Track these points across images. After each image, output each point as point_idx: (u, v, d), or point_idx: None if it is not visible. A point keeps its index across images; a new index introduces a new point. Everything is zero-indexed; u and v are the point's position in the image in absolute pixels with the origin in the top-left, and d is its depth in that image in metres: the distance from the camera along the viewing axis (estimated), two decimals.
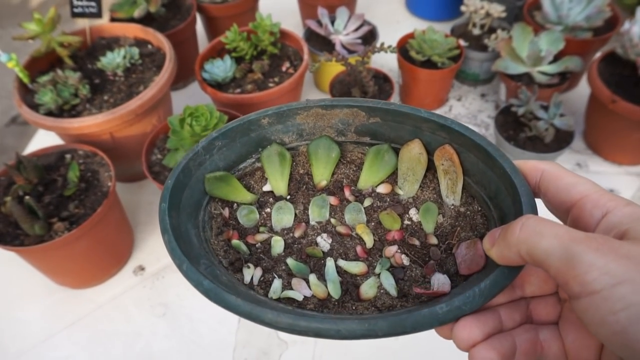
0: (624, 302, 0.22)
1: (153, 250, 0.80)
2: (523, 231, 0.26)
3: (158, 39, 0.85)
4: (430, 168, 0.39)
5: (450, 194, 0.38)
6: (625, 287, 0.22)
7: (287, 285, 0.35)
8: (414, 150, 0.39)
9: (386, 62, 1.02)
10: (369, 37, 0.99)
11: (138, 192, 0.88)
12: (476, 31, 1.00)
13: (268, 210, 0.40)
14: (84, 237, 0.67)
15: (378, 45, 0.82)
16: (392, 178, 0.40)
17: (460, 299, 0.27)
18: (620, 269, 0.22)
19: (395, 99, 1.00)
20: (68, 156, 0.75)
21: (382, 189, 0.40)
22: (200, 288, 0.30)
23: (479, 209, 0.37)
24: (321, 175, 0.41)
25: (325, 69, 0.96)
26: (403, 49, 0.94)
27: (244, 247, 0.37)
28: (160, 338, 0.70)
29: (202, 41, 1.12)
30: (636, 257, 0.23)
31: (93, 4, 0.84)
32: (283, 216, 0.39)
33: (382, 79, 0.91)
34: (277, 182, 0.41)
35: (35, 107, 0.76)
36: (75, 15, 0.83)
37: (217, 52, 0.94)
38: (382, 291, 0.34)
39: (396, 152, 0.40)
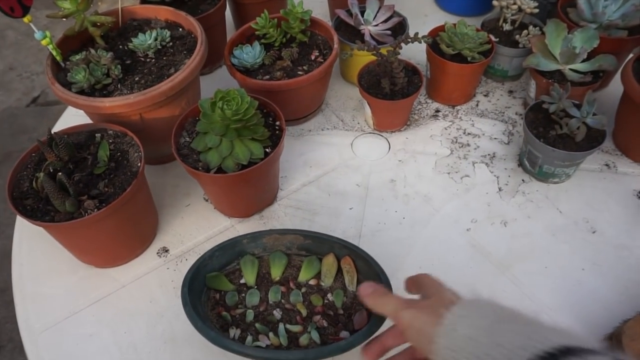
0: (408, 324, 0.46)
1: (176, 232, 0.81)
2: (380, 298, 0.52)
3: (189, 22, 0.85)
4: (339, 269, 0.67)
5: (350, 284, 0.66)
6: (410, 317, 0.46)
7: (255, 339, 0.62)
8: (330, 259, 0.68)
9: (413, 54, 1.01)
10: (398, 28, 0.98)
11: (163, 175, 0.88)
12: (507, 27, 0.99)
13: (243, 294, 0.67)
14: (112, 216, 0.67)
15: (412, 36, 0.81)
16: (318, 275, 0.68)
17: (352, 339, 0.56)
18: (412, 312, 0.46)
19: (422, 92, 1.00)
20: (98, 135, 0.75)
21: (312, 282, 0.68)
22: (208, 337, 0.57)
23: None
24: (276, 273, 0.68)
25: (353, 60, 0.96)
26: (432, 41, 0.93)
27: (228, 317, 0.64)
28: (183, 320, 0.70)
29: (230, 27, 1.11)
30: (421, 305, 0.47)
31: None
32: (253, 298, 0.66)
33: (411, 72, 0.90)
34: (249, 277, 0.68)
35: (67, 85, 0.77)
36: None
37: (246, 38, 0.94)
38: (312, 341, 0.62)
39: (320, 260, 0.68)
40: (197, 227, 0.81)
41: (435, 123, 0.94)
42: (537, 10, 0.95)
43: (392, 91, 0.86)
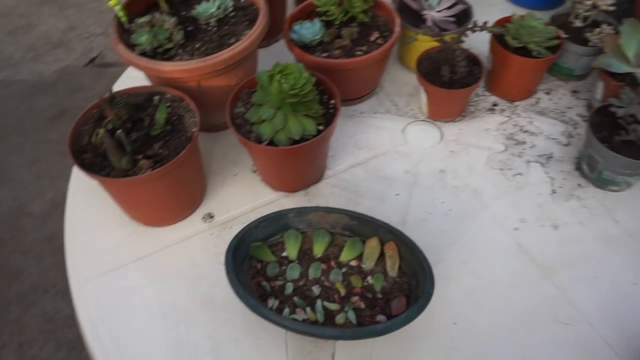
0: None
1: (222, 200, 0.82)
2: None
3: None
4: (382, 253, 0.67)
5: (391, 270, 0.66)
6: None
7: (293, 312, 0.63)
8: (374, 243, 0.68)
9: (475, 44, 0.97)
10: (462, 16, 0.95)
11: (214, 142, 0.89)
12: (578, 23, 0.94)
13: (284, 267, 0.68)
14: (165, 177, 0.69)
15: (480, 24, 0.79)
16: (360, 257, 0.68)
17: (389, 323, 0.57)
18: None
19: (481, 84, 0.97)
20: (156, 98, 0.76)
21: (354, 262, 0.68)
22: (248, 304, 0.58)
23: (407, 279, 0.66)
24: (318, 250, 0.69)
25: (413, 45, 0.94)
26: (499, 32, 0.90)
27: (268, 287, 0.65)
28: (223, 285, 0.72)
29: (290, 2, 1.11)
30: None
31: None
32: (293, 272, 0.67)
33: (472, 62, 0.88)
34: (291, 251, 0.69)
35: (130, 46, 0.78)
36: None
37: (307, 14, 0.93)
38: (348, 320, 0.62)
39: (363, 242, 0.68)
40: (243, 197, 0.82)
41: (491, 117, 0.92)
42: (612, 8, 0.90)
43: (451, 80, 0.84)
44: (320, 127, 0.74)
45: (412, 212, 0.79)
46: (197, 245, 0.77)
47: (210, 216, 0.80)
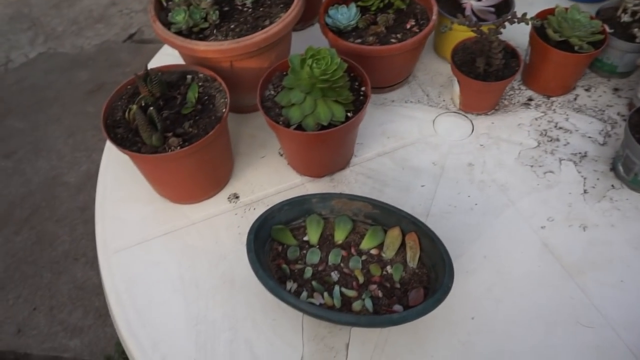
0: None
1: (248, 181, 0.83)
2: None
3: None
4: (403, 244, 0.67)
5: (411, 261, 0.66)
6: None
7: (310, 296, 0.63)
8: (395, 232, 0.67)
9: (514, 36, 0.95)
10: (503, 7, 0.92)
11: (242, 124, 0.90)
12: (626, 18, 0.90)
13: (304, 251, 0.68)
14: (193, 155, 0.70)
15: (520, 15, 0.77)
16: (380, 246, 0.68)
17: (405, 314, 0.57)
18: None
19: (517, 77, 0.94)
20: (189, 77, 0.77)
21: (374, 251, 0.68)
22: (267, 285, 0.59)
23: (426, 271, 0.65)
24: (339, 237, 0.69)
25: (449, 34, 0.92)
26: (540, 25, 0.87)
27: (287, 270, 0.66)
28: (243, 265, 0.73)
29: None
30: None
31: None
32: (313, 256, 0.68)
33: (509, 54, 0.85)
34: (312, 236, 0.69)
35: (167, 24, 0.79)
36: None
37: None
38: (364, 308, 0.62)
39: (385, 231, 0.68)
40: (268, 180, 0.83)
41: (525, 112, 0.89)
42: None
43: (486, 72, 0.82)
44: (349, 114, 0.74)
45: (436, 204, 0.78)
46: (222, 224, 0.78)
47: (235, 196, 0.81)
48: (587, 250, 0.72)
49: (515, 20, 0.75)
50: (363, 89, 0.77)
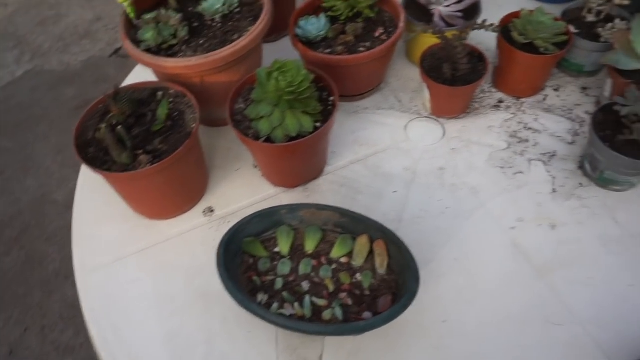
0: None
1: (223, 194, 0.84)
2: None
3: None
4: (372, 251, 0.68)
5: (380, 268, 0.67)
6: None
7: (281, 307, 0.64)
8: (364, 240, 0.68)
9: (484, 40, 0.96)
10: (471, 11, 0.93)
11: (217, 137, 0.91)
12: (591, 18, 0.92)
13: (275, 263, 0.69)
14: (164, 172, 0.71)
15: (480, 21, 0.78)
16: (350, 254, 0.69)
17: (371, 321, 0.58)
18: None
19: (488, 80, 0.95)
20: (160, 93, 0.79)
21: (344, 259, 0.69)
22: (236, 299, 0.60)
23: (395, 277, 0.66)
24: (309, 247, 0.70)
25: (419, 41, 0.93)
26: (505, 28, 0.88)
27: (258, 282, 0.67)
28: (219, 279, 0.74)
29: None
30: None
31: None
32: (284, 267, 0.68)
33: (477, 58, 0.87)
34: (283, 247, 0.70)
35: (137, 42, 0.80)
36: None
37: (313, 9, 0.93)
38: (334, 317, 0.63)
39: (354, 239, 0.69)
40: (243, 192, 0.84)
41: (496, 114, 0.91)
42: (627, 2, 0.87)
43: (454, 77, 0.84)
44: (318, 125, 0.75)
45: (408, 209, 0.79)
46: (197, 238, 0.79)
47: (210, 210, 0.82)
48: (557, 249, 0.74)
49: (477, 26, 0.76)
50: (332, 98, 0.78)
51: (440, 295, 0.70)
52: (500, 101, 0.93)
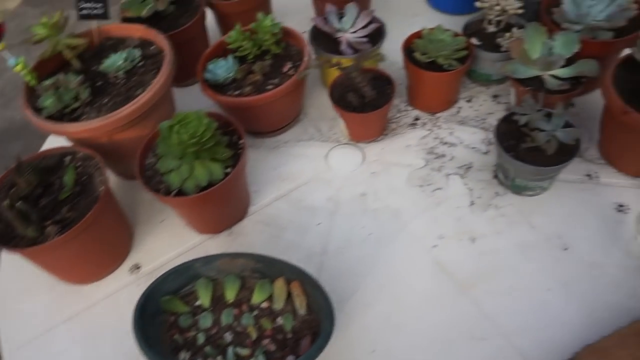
0: None
1: (149, 248, 0.83)
2: None
3: (160, 39, 0.86)
4: (290, 293, 0.67)
5: (300, 308, 0.67)
6: None
7: None
8: (280, 283, 0.68)
9: (398, 60, 0.98)
10: (377, 34, 0.95)
11: (139, 190, 0.89)
12: (491, 28, 0.94)
13: (197, 317, 0.68)
14: (75, 239, 0.70)
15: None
16: (270, 298, 0.68)
17: None
18: None
19: (397, 101, 0.97)
20: (68, 158, 0.78)
21: (265, 304, 0.69)
22: None
23: (315, 317, 0.66)
24: (230, 296, 0.69)
25: (330, 70, 0.94)
26: (409, 49, 0.90)
27: (180, 340, 0.66)
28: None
29: (217, 37, 1.12)
30: None
31: (99, 5, 0.85)
32: (206, 321, 0.68)
33: (384, 81, 0.88)
34: (204, 299, 0.69)
35: (39, 109, 0.79)
36: (82, 17, 0.86)
37: (223, 50, 0.94)
38: None
39: (272, 283, 0.69)
40: (169, 244, 0.83)
41: (413, 132, 0.92)
42: (521, 11, 0.90)
43: (363, 103, 0.85)
44: (229, 170, 0.75)
45: (333, 240, 0.80)
46: (125, 298, 0.78)
47: (136, 267, 0.81)
48: (477, 262, 0.75)
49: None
50: (241, 142, 0.78)
51: (367, 324, 0.71)
52: (417, 119, 0.94)
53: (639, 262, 0.71)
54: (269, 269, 0.68)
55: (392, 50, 0.92)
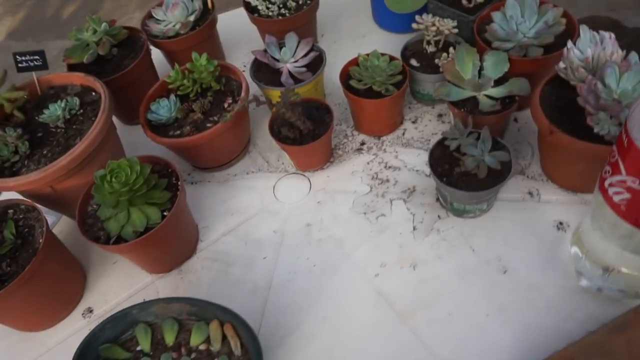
0: None
1: (102, 291, 0.84)
2: None
3: (98, 86, 0.88)
4: (225, 334, 0.68)
5: (235, 349, 0.66)
6: None
7: None
8: (214, 325, 0.68)
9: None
10: (318, 62, 0.96)
11: None
12: (431, 49, 0.95)
13: None
14: (17, 292, 0.71)
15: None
16: (208, 340, 0.68)
17: None
18: None
19: (344, 126, 0.98)
20: (10, 211, 0.79)
21: (202, 346, 0.69)
22: None
23: (249, 357, 0.65)
24: (169, 339, 0.70)
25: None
26: (347, 76, 0.91)
27: None
28: None
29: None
30: None
31: (37, 57, 0.87)
32: None
33: (324, 110, 0.89)
34: (144, 344, 0.70)
35: None
36: (20, 70, 0.87)
37: (166, 90, 0.95)
38: None
39: (208, 325, 0.69)
40: (121, 285, 0.84)
41: (359, 157, 0.93)
42: (456, 31, 0.91)
43: (301, 135, 0.86)
44: (166, 213, 0.76)
45: (278, 273, 0.81)
46: (77, 344, 0.78)
47: (89, 311, 0.83)
48: (418, 289, 0.75)
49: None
50: (179, 183, 0.79)
51: (311, 358, 0.71)
52: (363, 143, 0.95)
53: (576, 282, 0.71)
54: (203, 311, 0.69)
55: (329, 80, 0.92)
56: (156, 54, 1.09)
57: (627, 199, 0.54)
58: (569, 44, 0.74)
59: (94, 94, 0.89)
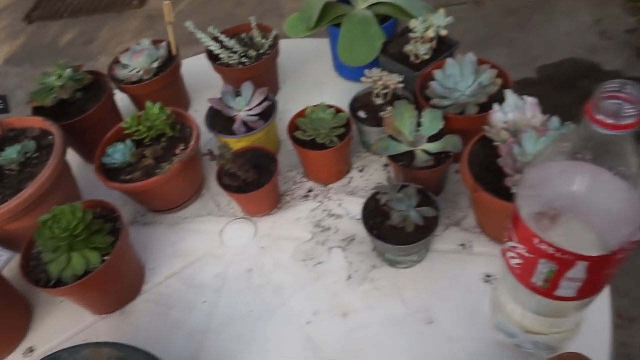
0: None
1: (46, 330, 0.87)
2: None
3: (55, 130, 0.92)
4: None
5: None
6: None
7: None
8: None
9: None
10: (270, 111, 1.00)
11: None
12: (379, 101, 0.99)
13: None
14: None
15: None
16: None
17: None
18: None
19: (294, 173, 1.01)
20: None
21: None
22: None
23: None
24: None
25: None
26: (295, 128, 0.95)
27: None
28: None
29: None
30: None
31: (0, 101, 0.91)
32: None
33: (270, 159, 0.92)
34: None
35: None
36: None
37: (122, 135, 0.99)
38: None
39: None
40: (64, 325, 0.87)
41: (305, 204, 0.96)
42: (402, 86, 0.95)
43: (245, 183, 0.89)
44: (107, 258, 0.78)
45: (216, 318, 0.83)
46: None
47: (31, 350, 0.85)
48: (347, 338, 0.77)
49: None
50: (121, 228, 0.82)
51: None
52: (310, 190, 0.98)
53: (498, 336, 0.73)
54: (131, 357, 0.71)
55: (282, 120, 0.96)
56: (125, 97, 1.14)
57: (520, 264, 0.56)
58: (495, 106, 0.78)
59: (50, 137, 0.93)
